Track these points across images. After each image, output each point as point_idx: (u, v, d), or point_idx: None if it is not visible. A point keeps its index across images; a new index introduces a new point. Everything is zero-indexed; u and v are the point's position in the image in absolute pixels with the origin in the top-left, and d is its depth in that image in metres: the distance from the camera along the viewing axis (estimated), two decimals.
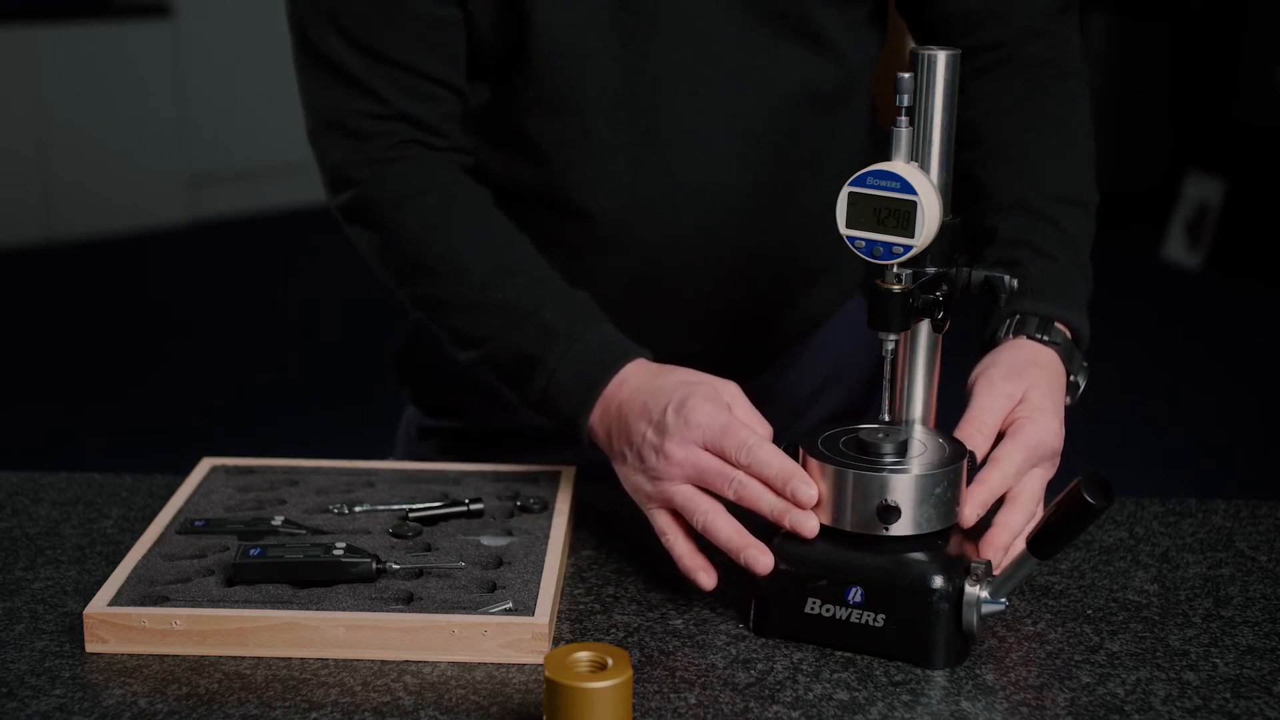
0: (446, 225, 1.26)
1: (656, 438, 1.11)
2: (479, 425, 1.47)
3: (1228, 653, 1.07)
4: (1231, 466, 3.98)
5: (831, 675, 1.03)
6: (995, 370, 1.15)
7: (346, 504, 1.23)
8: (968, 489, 1.07)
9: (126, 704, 0.98)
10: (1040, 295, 1.21)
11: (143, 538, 1.17)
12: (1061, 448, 1.14)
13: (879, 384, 1.12)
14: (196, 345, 4.95)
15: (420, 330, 1.47)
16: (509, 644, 1.04)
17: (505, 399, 1.29)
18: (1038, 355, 1.18)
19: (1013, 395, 1.14)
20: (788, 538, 1.07)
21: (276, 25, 1.82)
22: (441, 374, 1.46)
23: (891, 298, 1.07)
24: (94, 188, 6.05)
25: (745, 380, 1.19)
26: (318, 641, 1.04)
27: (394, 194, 1.27)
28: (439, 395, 1.49)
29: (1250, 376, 4.65)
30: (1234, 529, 1.28)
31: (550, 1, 1.23)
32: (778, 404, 1.36)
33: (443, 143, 1.29)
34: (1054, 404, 1.14)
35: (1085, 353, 1.23)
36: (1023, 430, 1.12)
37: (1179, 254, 5.82)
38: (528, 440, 1.40)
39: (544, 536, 1.18)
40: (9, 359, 4.77)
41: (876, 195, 1.04)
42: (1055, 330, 1.20)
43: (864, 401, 1.50)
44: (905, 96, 1.05)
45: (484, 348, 1.25)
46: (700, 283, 1.35)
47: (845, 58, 1.33)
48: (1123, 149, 6.49)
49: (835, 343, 1.48)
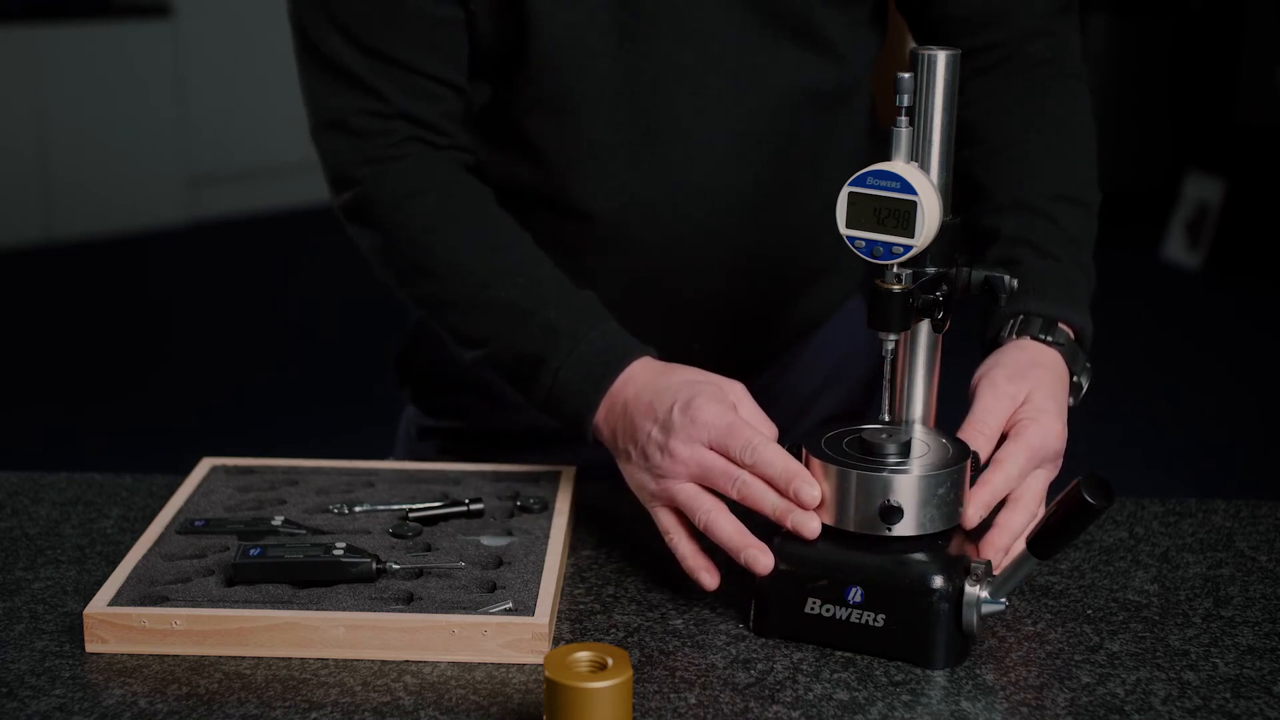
0: (446, 225, 1.26)
1: (662, 436, 1.11)
2: (479, 425, 1.47)
3: (1228, 653, 1.06)
4: (1231, 466, 3.98)
5: (831, 675, 1.03)
6: (998, 371, 1.15)
7: (346, 504, 1.23)
8: (970, 490, 1.07)
9: (126, 704, 0.98)
10: (1043, 295, 1.21)
11: (143, 538, 1.17)
12: (1064, 449, 1.14)
13: (879, 384, 1.12)
14: (196, 345, 4.95)
15: (420, 330, 1.47)
16: (509, 644, 1.04)
17: (506, 399, 1.29)
18: (1041, 356, 1.18)
19: (1016, 396, 1.13)
20: (788, 537, 1.07)
21: (276, 25, 1.82)
22: (441, 374, 1.46)
23: (891, 298, 1.07)
24: (94, 188, 6.05)
25: (746, 380, 1.19)
26: (318, 641, 1.04)
27: (393, 193, 1.27)
28: (439, 395, 1.49)
29: (1250, 376, 4.65)
30: (1234, 529, 1.28)
31: (550, 1, 1.23)
32: (779, 404, 1.36)
33: (444, 141, 1.29)
34: (1057, 405, 1.14)
35: (1089, 353, 1.23)
36: (1026, 432, 1.11)
37: (1179, 254, 5.82)
38: (528, 440, 1.40)
39: (544, 536, 1.18)
40: (9, 359, 4.77)
41: (876, 195, 1.04)
42: (1058, 331, 1.20)
43: (864, 401, 1.50)
44: (905, 96, 1.05)
45: (487, 347, 1.25)
46: (700, 283, 1.35)
47: (845, 58, 1.33)
48: (1123, 149, 6.49)
49: (836, 343, 1.48)
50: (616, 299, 1.28)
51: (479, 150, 1.33)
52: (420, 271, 1.27)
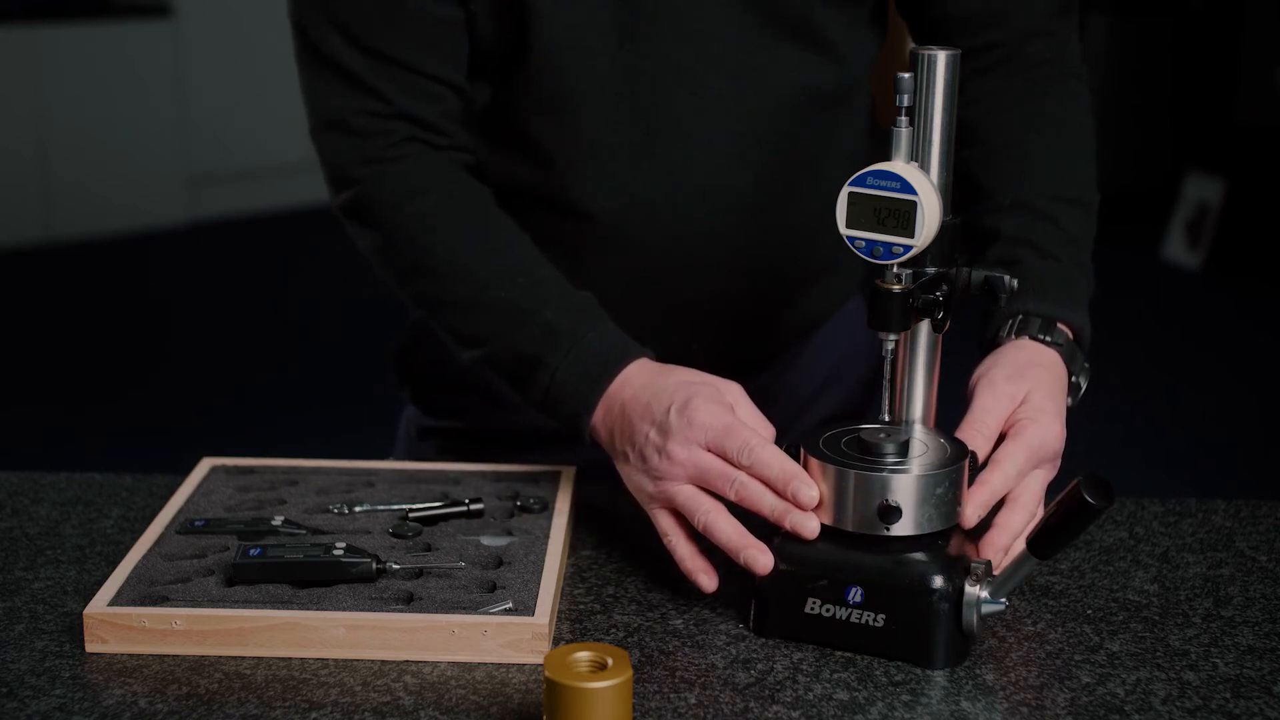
0: (445, 225, 1.26)
1: (659, 438, 1.11)
2: (479, 425, 1.47)
3: (1228, 653, 1.06)
4: (1231, 466, 3.98)
5: (831, 675, 1.03)
6: (997, 371, 1.15)
7: (346, 504, 1.23)
8: (969, 490, 1.07)
9: (126, 704, 0.98)
10: (1042, 295, 1.21)
11: (143, 538, 1.17)
12: (1062, 449, 1.14)
13: (879, 383, 1.12)
14: (196, 345, 4.95)
15: (420, 330, 1.47)
16: (509, 644, 1.04)
17: (506, 399, 1.29)
18: (1040, 356, 1.18)
19: (1014, 396, 1.13)
20: (788, 538, 1.07)
21: (276, 25, 1.82)
22: (441, 374, 1.46)
23: (891, 298, 1.07)
24: (94, 188, 6.05)
25: (745, 380, 1.19)
26: (318, 641, 1.04)
27: (393, 193, 1.27)
28: (439, 395, 1.49)
29: (1250, 376, 4.65)
30: (1234, 529, 1.28)
31: (550, 1, 1.23)
32: (778, 404, 1.36)
33: (444, 141, 1.29)
34: (1056, 406, 1.14)
35: (1087, 353, 1.23)
36: (1024, 431, 1.11)
37: (1179, 254, 5.82)
38: (528, 440, 1.40)
39: (544, 536, 1.18)
40: (9, 359, 4.77)
41: (876, 195, 1.04)
42: (1057, 331, 1.20)
43: (864, 401, 1.50)
44: (905, 96, 1.05)
45: (486, 347, 1.25)
46: (700, 282, 1.35)
47: (845, 58, 1.33)
48: (1123, 149, 6.49)
49: (835, 343, 1.48)
50: (616, 299, 1.28)
51: (479, 150, 1.33)
52: (420, 271, 1.27)
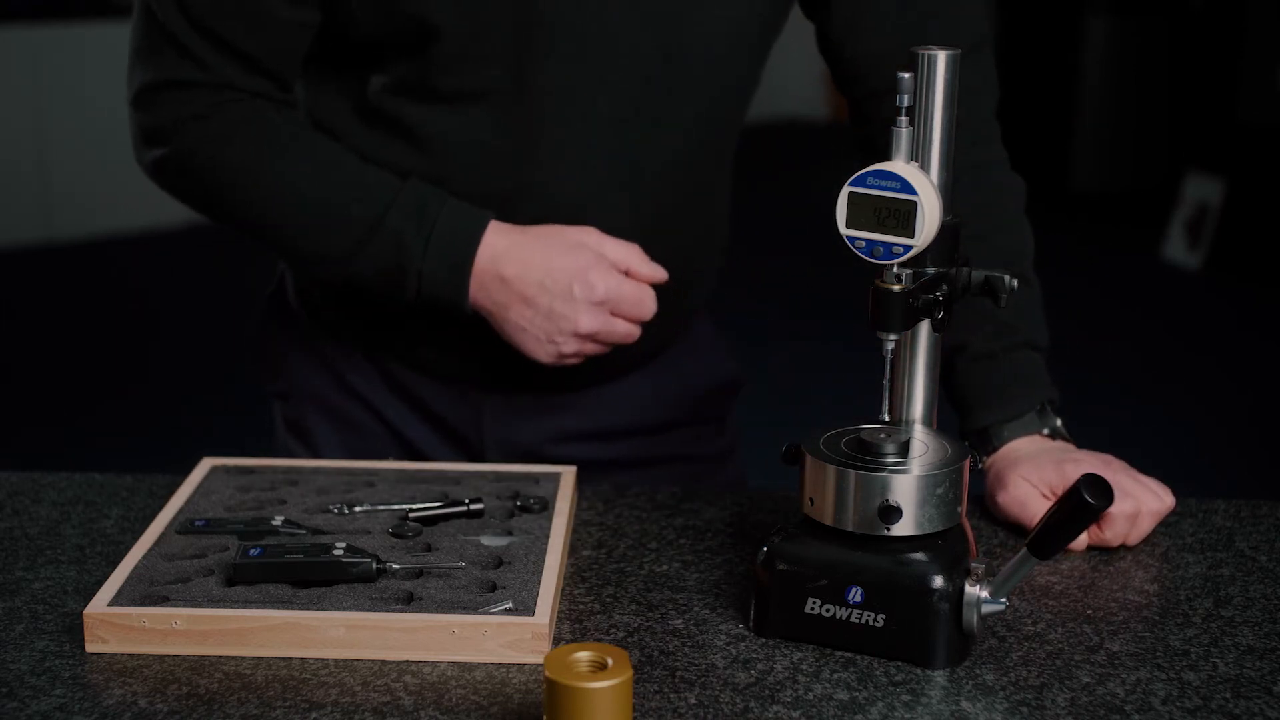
0: (235, 139, 1.29)
1: (566, 308, 1.26)
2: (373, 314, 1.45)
3: (1228, 653, 1.07)
4: (1231, 466, 3.98)
5: (831, 675, 1.03)
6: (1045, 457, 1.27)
7: (346, 504, 1.23)
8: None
9: (126, 704, 0.98)
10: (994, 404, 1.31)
11: (143, 538, 1.17)
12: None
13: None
14: (197, 345, 4.95)
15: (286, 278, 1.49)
16: (509, 644, 1.04)
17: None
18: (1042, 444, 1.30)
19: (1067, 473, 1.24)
20: (787, 538, 1.07)
21: None
22: (324, 289, 1.45)
23: (891, 298, 1.07)
24: (94, 188, 6.05)
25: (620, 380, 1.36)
26: (318, 641, 1.04)
27: (218, 135, 1.30)
28: (328, 309, 1.47)
29: (1250, 377, 4.65)
30: (1234, 529, 1.28)
31: (450, 10, 1.24)
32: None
33: (269, 102, 1.31)
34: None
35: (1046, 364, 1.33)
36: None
37: (1179, 254, 5.82)
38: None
39: (544, 536, 1.18)
40: (9, 359, 4.77)
41: (876, 195, 1.04)
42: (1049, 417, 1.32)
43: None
44: (905, 96, 1.05)
45: (345, 267, 1.30)
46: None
47: (744, 94, 1.38)
48: (1123, 149, 6.50)
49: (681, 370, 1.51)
50: None
51: (362, 140, 1.33)
52: (252, 204, 1.31)
